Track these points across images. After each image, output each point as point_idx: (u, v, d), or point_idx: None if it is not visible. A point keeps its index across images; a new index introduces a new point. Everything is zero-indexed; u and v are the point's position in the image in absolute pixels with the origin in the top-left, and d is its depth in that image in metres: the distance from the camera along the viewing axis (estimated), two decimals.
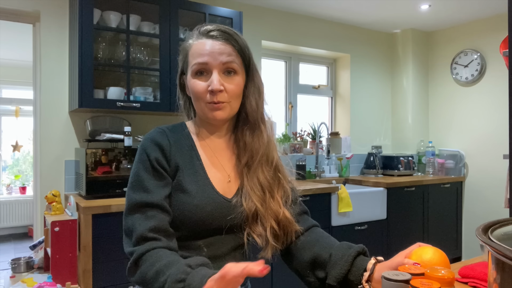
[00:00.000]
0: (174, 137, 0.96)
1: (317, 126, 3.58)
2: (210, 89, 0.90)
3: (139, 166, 0.92)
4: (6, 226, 5.09)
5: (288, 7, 3.38)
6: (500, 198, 3.42)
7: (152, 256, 0.82)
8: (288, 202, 0.99)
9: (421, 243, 0.85)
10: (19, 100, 5.31)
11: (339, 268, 0.87)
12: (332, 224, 2.86)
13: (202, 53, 0.92)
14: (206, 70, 0.92)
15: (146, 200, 0.87)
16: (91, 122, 2.60)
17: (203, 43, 0.92)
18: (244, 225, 0.95)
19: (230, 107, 0.94)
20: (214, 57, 0.91)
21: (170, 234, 0.88)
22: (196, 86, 0.92)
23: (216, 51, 0.91)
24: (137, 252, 0.83)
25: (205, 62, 0.91)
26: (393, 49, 4.16)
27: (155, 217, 0.86)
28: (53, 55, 2.55)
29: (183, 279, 0.74)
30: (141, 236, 0.84)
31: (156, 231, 0.85)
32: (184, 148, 0.96)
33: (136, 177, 0.91)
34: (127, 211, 0.89)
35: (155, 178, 0.90)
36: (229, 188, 0.97)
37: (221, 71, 0.92)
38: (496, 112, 3.56)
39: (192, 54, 0.93)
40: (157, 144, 0.93)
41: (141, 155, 0.92)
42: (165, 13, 2.52)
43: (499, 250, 0.51)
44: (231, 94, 0.93)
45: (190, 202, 0.90)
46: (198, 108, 0.95)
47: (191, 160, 0.95)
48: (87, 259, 2.01)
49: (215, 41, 0.92)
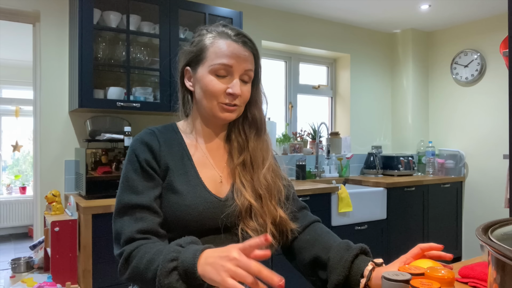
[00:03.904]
0: (164, 138, 0.96)
1: (317, 126, 3.58)
2: (232, 92, 0.92)
3: (128, 167, 0.92)
4: (6, 226, 5.09)
5: (288, 7, 3.38)
6: (500, 198, 3.42)
7: (141, 250, 0.82)
8: (282, 200, 0.99)
9: (422, 244, 0.84)
10: (19, 100, 5.31)
11: (337, 274, 0.86)
12: (332, 224, 2.86)
13: (228, 54, 0.92)
14: (229, 72, 0.93)
15: (135, 202, 0.87)
16: (91, 122, 2.60)
17: (229, 44, 0.93)
18: (238, 221, 0.94)
19: (239, 110, 0.97)
20: (239, 62, 0.92)
21: (160, 235, 0.88)
22: (215, 85, 0.92)
23: (242, 57, 0.93)
24: (126, 251, 0.83)
25: (230, 64, 0.92)
26: (393, 49, 4.16)
27: (144, 219, 0.86)
28: (53, 55, 2.55)
29: (176, 258, 0.75)
30: (130, 238, 0.85)
31: (144, 232, 0.85)
32: (175, 148, 0.96)
33: (125, 178, 0.91)
34: (116, 214, 0.89)
35: (144, 179, 0.90)
36: (221, 187, 0.97)
37: (240, 76, 0.94)
38: (496, 112, 3.56)
39: (215, 52, 0.92)
40: (146, 145, 0.93)
41: (130, 156, 0.93)
42: (165, 13, 2.52)
43: (499, 250, 0.51)
44: (244, 99, 0.96)
45: (181, 203, 0.90)
46: (208, 106, 0.94)
47: (182, 160, 0.95)
48: (87, 259, 2.01)
49: (241, 46, 0.94)
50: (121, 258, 0.84)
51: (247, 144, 1.00)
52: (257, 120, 1.00)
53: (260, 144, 1.01)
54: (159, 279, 0.74)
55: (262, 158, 0.99)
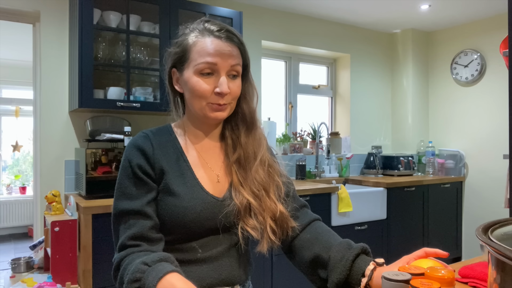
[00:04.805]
0: (158, 140, 0.95)
1: (317, 126, 3.58)
2: (219, 91, 0.89)
3: (121, 173, 0.92)
4: (6, 226, 5.10)
5: (288, 7, 3.38)
6: (500, 198, 3.42)
7: (126, 260, 0.83)
8: (281, 196, 0.98)
9: (427, 248, 0.83)
10: (19, 100, 5.31)
11: (338, 273, 0.85)
12: (332, 224, 2.86)
13: (211, 52, 0.89)
14: (214, 71, 0.91)
15: (127, 208, 0.88)
16: (91, 122, 2.60)
17: (211, 41, 0.90)
18: (237, 220, 0.94)
19: (230, 108, 0.95)
20: (223, 58, 0.90)
21: (152, 239, 0.88)
22: (202, 86, 0.90)
23: (226, 53, 0.90)
24: (116, 259, 0.85)
25: (214, 62, 0.89)
26: (393, 49, 4.16)
27: (135, 224, 0.87)
28: (53, 55, 2.55)
29: (139, 278, 0.76)
30: (122, 245, 0.86)
31: (135, 238, 0.86)
32: (170, 150, 0.95)
33: (119, 184, 0.91)
34: (113, 222, 0.91)
35: (136, 184, 0.90)
36: (218, 187, 0.96)
37: (227, 73, 0.92)
38: (496, 112, 3.56)
39: (198, 52, 0.90)
40: (140, 149, 0.92)
41: (123, 162, 0.93)
42: (165, 13, 2.52)
43: (499, 250, 0.51)
44: (233, 96, 0.93)
45: (179, 204, 0.89)
46: (197, 107, 0.93)
47: (178, 162, 0.94)
48: (87, 259, 2.01)
49: (224, 42, 0.91)
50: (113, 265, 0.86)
51: (240, 140, 0.99)
52: (247, 114, 0.98)
53: (251, 139, 0.99)
54: None
55: (254, 153, 0.98)
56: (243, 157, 0.98)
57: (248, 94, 0.99)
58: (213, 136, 1.01)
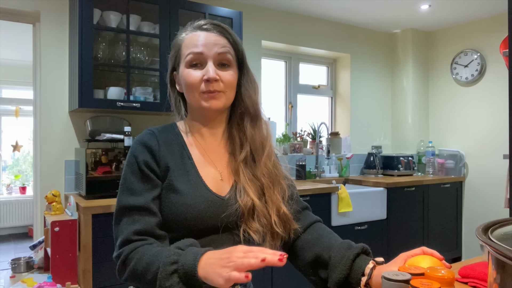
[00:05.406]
0: (164, 138, 0.96)
1: (317, 126, 3.58)
2: (206, 78, 0.90)
3: (127, 169, 0.92)
4: (6, 226, 5.10)
5: (288, 7, 3.38)
6: (500, 198, 3.41)
7: (138, 252, 0.83)
8: (285, 199, 0.98)
9: (425, 248, 0.84)
10: (19, 100, 5.31)
11: (338, 272, 0.86)
12: (332, 224, 2.86)
13: (196, 43, 0.92)
14: (201, 61, 0.92)
15: (132, 203, 0.87)
16: (91, 122, 2.60)
17: (197, 35, 0.93)
18: (240, 221, 0.94)
19: (225, 97, 0.95)
20: (209, 47, 0.92)
21: (158, 236, 0.88)
22: (191, 76, 0.92)
23: (211, 42, 0.92)
24: (124, 253, 0.84)
25: (200, 52, 0.91)
26: (393, 49, 4.16)
27: (140, 220, 0.87)
28: (53, 55, 2.55)
29: (176, 260, 0.76)
30: (126, 239, 0.85)
31: (141, 234, 0.86)
32: (175, 148, 0.96)
33: (124, 180, 0.91)
34: (115, 216, 0.90)
35: (142, 181, 0.90)
36: (222, 186, 0.96)
37: (215, 62, 0.93)
38: (496, 112, 3.56)
39: (186, 46, 0.94)
40: (146, 146, 0.92)
41: (129, 158, 0.93)
42: (165, 13, 2.52)
43: (499, 250, 0.51)
44: (226, 84, 0.93)
45: (182, 202, 0.89)
46: (192, 99, 0.94)
47: (182, 159, 0.95)
48: (87, 259, 2.01)
49: (210, 33, 0.93)
50: (118, 260, 0.85)
51: (246, 135, 0.99)
52: (249, 106, 0.98)
53: (258, 130, 0.99)
54: (160, 282, 0.75)
55: (262, 144, 0.98)
56: (252, 150, 0.98)
57: (248, 85, 0.99)
58: (217, 134, 1.01)
